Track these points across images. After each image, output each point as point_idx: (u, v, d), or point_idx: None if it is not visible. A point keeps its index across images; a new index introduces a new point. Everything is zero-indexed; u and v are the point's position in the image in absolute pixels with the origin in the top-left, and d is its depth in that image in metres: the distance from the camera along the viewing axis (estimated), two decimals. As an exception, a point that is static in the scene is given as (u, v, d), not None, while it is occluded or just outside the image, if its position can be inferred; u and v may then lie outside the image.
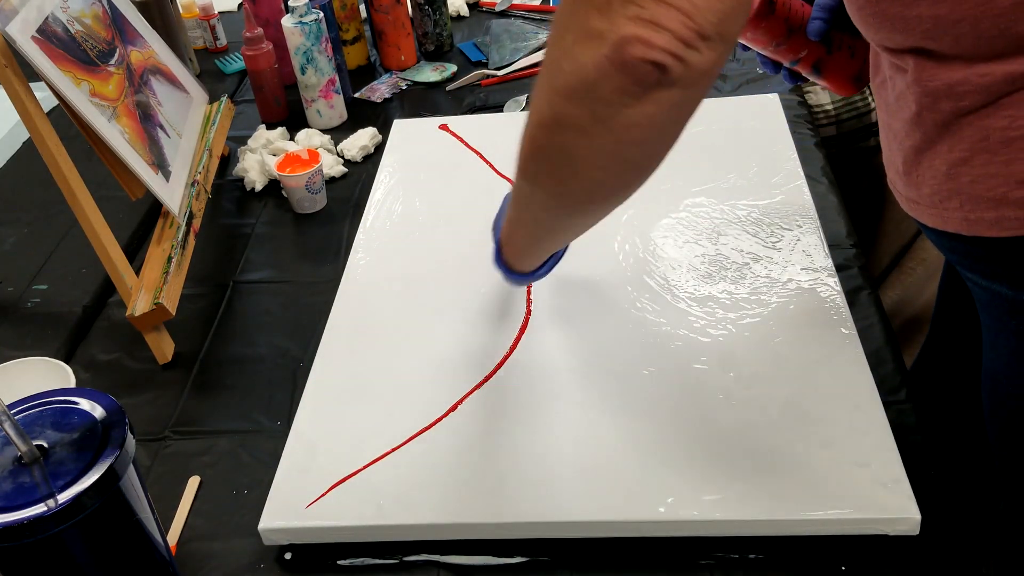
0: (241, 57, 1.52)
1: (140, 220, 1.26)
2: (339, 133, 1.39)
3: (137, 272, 1.04)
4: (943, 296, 1.03)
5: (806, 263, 0.99)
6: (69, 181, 0.97)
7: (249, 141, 1.36)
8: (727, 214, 1.07)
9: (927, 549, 0.74)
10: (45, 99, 0.98)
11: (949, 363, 1.04)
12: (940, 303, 1.03)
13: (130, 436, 0.68)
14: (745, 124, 1.21)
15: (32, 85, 0.96)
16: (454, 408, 0.88)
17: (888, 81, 0.73)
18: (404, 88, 1.51)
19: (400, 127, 1.34)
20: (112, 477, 0.66)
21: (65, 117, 1.00)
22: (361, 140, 1.35)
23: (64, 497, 0.64)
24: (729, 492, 0.77)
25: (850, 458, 0.78)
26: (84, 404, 0.70)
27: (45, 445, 0.67)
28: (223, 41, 1.69)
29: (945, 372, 1.04)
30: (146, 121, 1.11)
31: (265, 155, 1.32)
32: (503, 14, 1.70)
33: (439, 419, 0.87)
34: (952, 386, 1.02)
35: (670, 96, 0.52)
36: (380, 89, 1.51)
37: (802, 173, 1.12)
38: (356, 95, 1.50)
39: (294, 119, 1.44)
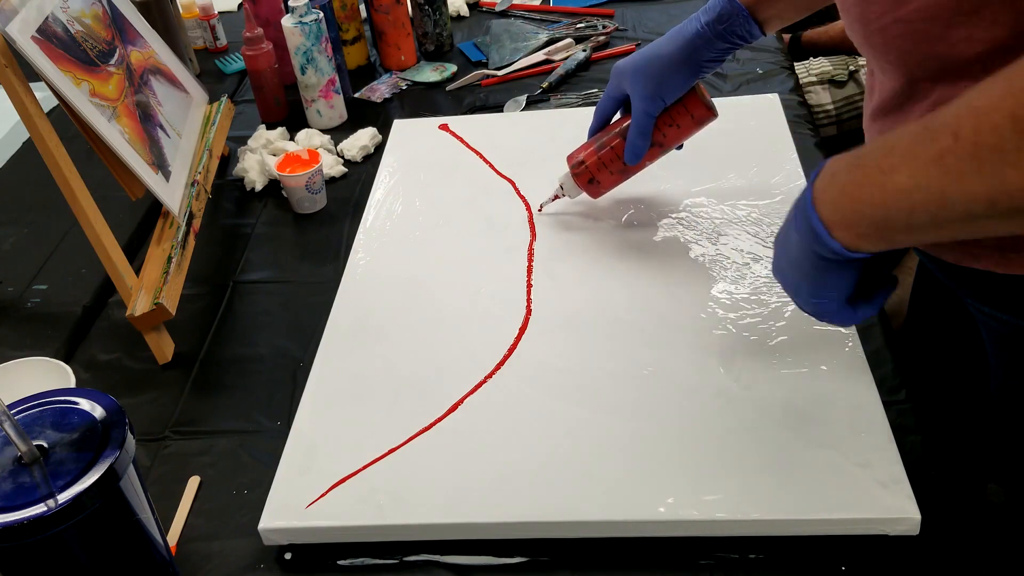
0: (241, 57, 1.52)
1: (140, 220, 1.26)
2: (339, 133, 1.39)
3: (137, 272, 1.05)
4: (915, 300, 1.03)
5: (806, 263, 0.99)
6: (69, 181, 0.97)
7: (249, 141, 1.36)
8: (727, 214, 1.07)
9: (927, 549, 0.74)
10: (45, 99, 0.98)
11: (926, 360, 1.04)
12: (912, 306, 1.04)
13: (130, 436, 0.68)
14: (745, 124, 1.21)
15: (32, 85, 0.96)
16: (454, 408, 0.88)
17: (907, 113, 0.72)
18: (404, 88, 1.51)
19: (400, 127, 1.34)
20: (112, 477, 0.66)
21: (65, 117, 1.00)
22: (361, 140, 1.35)
23: (64, 497, 0.64)
24: (729, 492, 0.77)
25: (850, 458, 0.78)
26: (84, 404, 0.70)
27: (45, 445, 0.67)
28: (223, 41, 1.69)
29: (923, 370, 1.04)
30: (146, 121, 1.11)
31: (265, 155, 1.32)
32: (503, 14, 1.70)
33: (439, 419, 0.87)
34: (933, 383, 1.03)
35: None
36: (380, 89, 1.51)
37: (802, 173, 1.11)
38: (356, 95, 1.50)
39: (294, 119, 1.44)
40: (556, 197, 1.09)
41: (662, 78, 0.95)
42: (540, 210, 1.11)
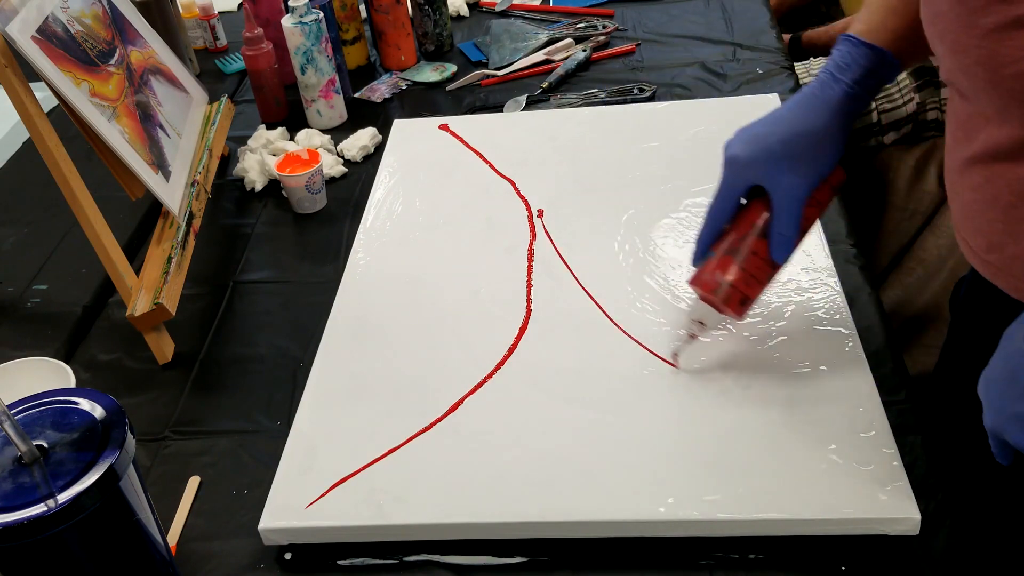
0: (241, 57, 1.52)
1: (140, 220, 1.26)
2: (339, 133, 1.39)
3: (137, 272, 1.05)
4: (963, 305, 1.00)
5: (806, 263, 0.99)
6: (69, 181, 0.97)
7: (249, 141, 1.36)
8: (727, 214, 1.07)
9: (927, 549, 0.74)
10: (45, 99, 0.98)
11: (970, 370, 1.02)
12: (957, 313, 1.01)
13: (130, 436, 0.68)
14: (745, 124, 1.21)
15: (32, 85, 0.96)
16: (454, 408, 0.88)
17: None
18: (404, 88, 1.51)
19: (400, 127, 1.34)
20: (112, 477, 0.66)
21: (65, 117, 1.00)
22: (361, 140, 1.35)
23: (64, 497, 0.64)
24: (729, 492, 0.77)
25: (850, 458, 0.78)
26: (84, 404, 0.70)
27: (45, 445, 0.67)
28: (223, 41, 1.69)
29: (965, 380, 1.02)
30: (146, 121, 1.11)
31: (265, 155, 1.32)
32: (503, 14, 1.70)
33: (439, 419, 0.87)
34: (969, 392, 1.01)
35: None
36: (380, 89, 1.51)
37: (802, 173, 1.11)
38: (356, 95, 1.50)
39: (294, 119, 1.44)
40: (693, 336, 0.88)
41: (815, 157, 0.81)
42: (675, 360, 0.89)
